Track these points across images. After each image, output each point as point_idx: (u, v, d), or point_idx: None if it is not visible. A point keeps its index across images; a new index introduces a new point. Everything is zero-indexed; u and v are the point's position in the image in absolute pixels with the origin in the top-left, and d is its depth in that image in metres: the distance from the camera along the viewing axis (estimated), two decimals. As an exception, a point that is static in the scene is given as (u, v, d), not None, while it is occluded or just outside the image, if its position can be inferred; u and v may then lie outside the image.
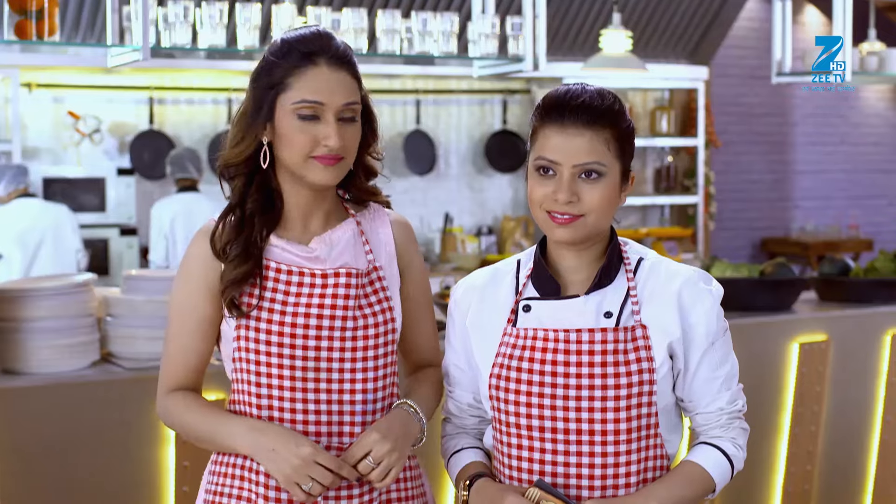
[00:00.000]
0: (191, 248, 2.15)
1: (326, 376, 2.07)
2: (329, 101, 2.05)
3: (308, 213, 2.14)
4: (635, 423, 2.00)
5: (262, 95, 2.07)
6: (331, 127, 2.05)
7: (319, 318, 2.07)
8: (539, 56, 4.65)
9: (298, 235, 2.14)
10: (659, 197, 8.42)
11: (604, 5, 7.84)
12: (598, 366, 1.99)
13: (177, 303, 2.16)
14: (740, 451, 2.09)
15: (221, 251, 2.10)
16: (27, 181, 6.14)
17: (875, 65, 5.78)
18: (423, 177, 7.95)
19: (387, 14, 4.47)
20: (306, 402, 2.06)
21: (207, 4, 4.16)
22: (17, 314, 3.28)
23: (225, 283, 2.08)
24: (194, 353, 2.16)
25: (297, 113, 2.05)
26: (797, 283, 4.44)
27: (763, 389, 4.19)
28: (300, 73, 2.05)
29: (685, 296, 2.03)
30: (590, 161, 1.98)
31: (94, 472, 3.21)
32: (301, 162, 2.06)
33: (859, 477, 4.50)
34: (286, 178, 2.12)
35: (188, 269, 2.15)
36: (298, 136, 2.05)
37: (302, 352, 2.06)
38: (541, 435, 2.02)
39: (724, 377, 2.08)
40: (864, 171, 10.61)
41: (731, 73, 9.57)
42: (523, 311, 2.06)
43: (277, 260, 2.11)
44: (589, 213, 1.98)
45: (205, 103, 7.36)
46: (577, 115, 1.98)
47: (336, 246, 2.14)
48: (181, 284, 2.15)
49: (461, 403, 2.19)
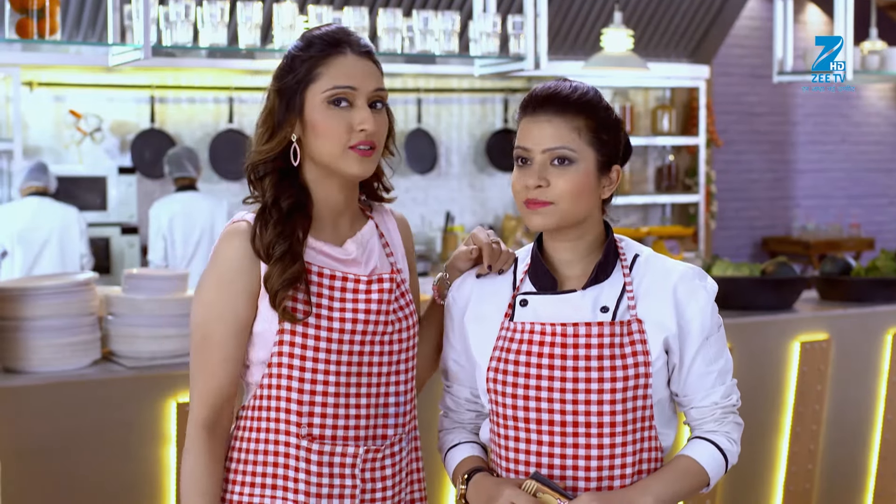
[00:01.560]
0: (224, 251, 2.05)
1: (367, 381, 2.07)
2: (361, 85, 2.03)
3: (338, 212, 2.11)
4: (630, 415, 2.03)
5: (290, 90, 2.04)
6: (365, 111, 2.03)
7: (365, 323, 2.06)
8: (540, 55, 4.64)
9: (330, 236, 2.10)
10: (660, 196, 8.42)
11: (605, 4, 7.84)
12: (594, 359, 2.01)
13: (215, 309, 2.03)
14: (734, 445, 2.12)
15: (265, 252, 2.01)
16: (46, 179, 6.13)
17: (876, 64, 5.78)
18: (424, 175, 7.96)
19: (388, 13, 4.47)
20: (348, 406, 2.06)
21: (209, 3, 4.16)
22: (18, 313, 3.29)
23: (276, 285, 2.00)
24: (236, 363, 2.06)
25: (330, 100, 2.02)
26: (798, 283, 4.44)
27: (764, 388, 4.19)
28: (328, 63, 2.03)
29: (681, 292, 2.06)
30: (557, 146, 2.02)
31: (94, 470, 3.22)
32: (339, 153, 2.02)
33: (860, 476, 4.50)
34: (316, 175, 2.08)
35: (224, 271, 2.04)
36: (332, 124, 2.01)
37: (347, 357, 2.05)
38: (538, 427, 2.04)
39: (717, 372, 2.10)
40: (866, 170, 10.61)
41: (732, 72, 9.57)
42: (520, 305, 2.09)
43: (318, 264, 2.06)
44: (558, 199, 2.01)
45: (206, 102, 7.36)
46: (546, 104, 2.04)
47: (366, 247, 2.13)
48: (217, 289, 2.04)
49: (459, 398, 2.22)
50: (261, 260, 2.03)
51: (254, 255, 2.03)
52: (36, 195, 6.11)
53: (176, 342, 3.43)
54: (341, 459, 2.05)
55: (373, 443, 2.08)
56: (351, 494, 2.06)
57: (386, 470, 2.10)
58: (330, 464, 2.05)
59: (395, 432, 2.12)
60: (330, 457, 2.05)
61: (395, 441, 2.12)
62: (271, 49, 4.35)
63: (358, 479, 2.06)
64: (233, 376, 2.06)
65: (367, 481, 2.08)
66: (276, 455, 2.05)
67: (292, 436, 2.04)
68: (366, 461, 2.07)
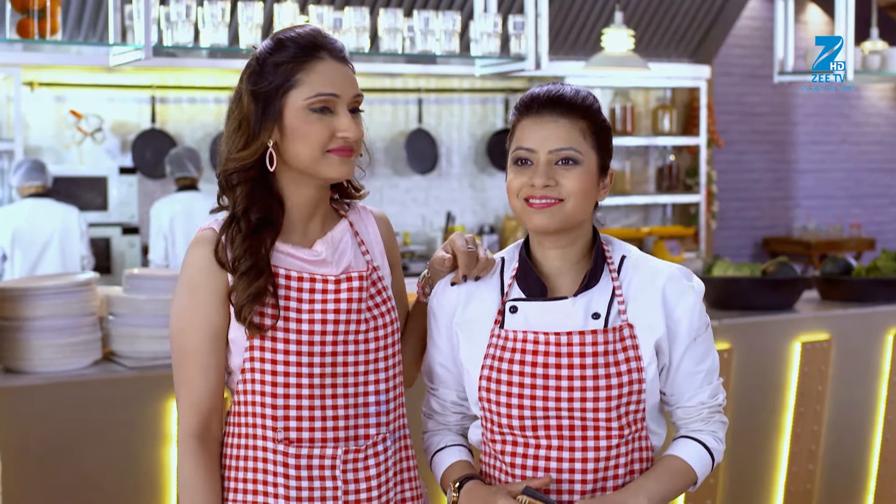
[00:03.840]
0: (192, 259, 2.06)
1: (343, 381, 2.06)
2: (343, 92, 2.03)
3: (309, 215, 2.10)
4: (625, 420, 2.03)
5: (267, 96, 2.01)
6: (346, 118, 2.03)
7: (336, 323, 2.05)
8: (541, 55, 4.64)
9: (300, 239, 2.10)
10: (661, 196, 8.42)
11: (606, 4, 7.84)
12: (589, 367, 2.01)
13: (186, 319, 2.04)
14: (720, 443, 2.13)
15: (231, 265, 2.02)
16: (45, 179, 6.13)
17: (877, 64, 5.78)
18: (424, 176, 7.95)
19: (389, 13, 4.47)
20: (325, 408, 2.05)
21: (209, 3, 4.16)
22: (19, 313, 3.29)
23: (241, 300, 2.00)
24: (215, 371, 2.06)
25: (311, 107, 2.01)
26: (799, 283, 4.44)
27: (765, 389, 4.19)
28: (309, 69, 2.01)
29: (669, 293, 2.06)
30: (565, 146, 2.02)
31: (95, 470, 3.22)
32: (318, 156, 2.02)
33: (861, 476, 4.50)
34: (289, 179, 2.07)
35: (192, 280, 2.04)
36: (314, 130, 2.00)
37: (320, 358, 2.04)
38: (534, 434, 2.04)
39: (705, 372, 2.10)
40: (866, 170, 10.61)
41: (733, 72, 9.57)
42: (510, 312, 2.08)
43: (286, 266, 2.06)
44: (567, 197, 2.01)
45: (207, 102, 7.36)
46: (552, 106, 2.04)
47: (338, 247, 2.11)
48: (187, 298, 2.05)
49: (445, 401, 2.20)
50: (226, 271, 2.03)
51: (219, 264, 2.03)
52: (35, 196, 6.11)
53: (177, 342, 3.43)
54: (320, 462, 2.04)
55: (354, 443, 2.07)
56: (333, 497, 2.05)
57: (370, 470, 2.08)
58: (308, 466, 2.04)
59: (378, 431, 2.09)
60: (308, 459, 2.04)
61: (379, 440, 2.09)
62: (272, 49, 4.34)
63: (339, 481, 2.05)
64: (214, 384, 2.06)
65: (350, 482, 2.06)
66: (255, 460, 2.05)
67: (269, 440, 2.04)
68: (346, 462, 2.05)
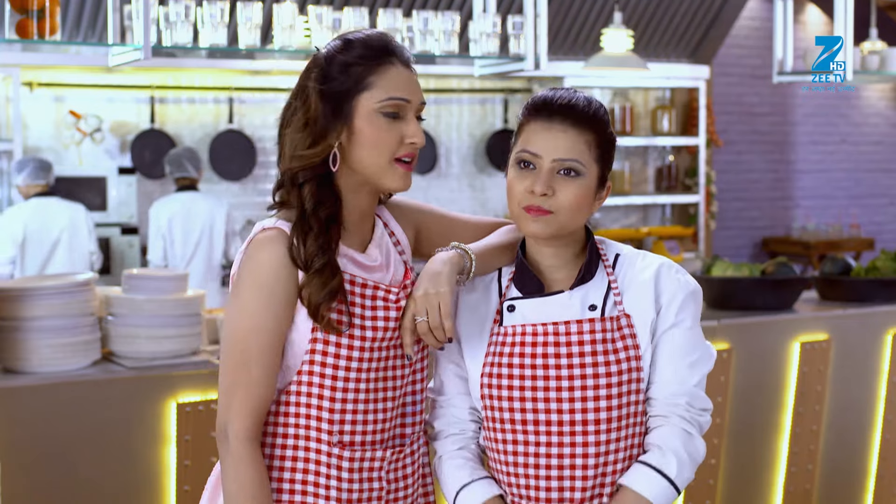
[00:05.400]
0: (263, 258, 2.00)
1: (392, 384, 2.08)
2: (413, 98, 2.03)
3: (365, 218, 2.11)
4: (625, 410, 2.04)
5: (338, 96, 1.99)
6: (415, 124, 2.03)
7: (394, 330, 2.06)
8: (540, 55, 4.64)
9: (356, 242, 2.09)
10: (660, 196, 8.42)
11: (605, 4, 7.84)
12: (588, 355, 2.03)
13: (256, 320, 1.99)
14: (686, 453, 2.04)
15: (305, 263, 1.98)
16: (49, 178, 6.14)
17: (876, 64, 5.78)
18: (424, 176, 7.96)
19: (388, 13, 4.47)
20: (376, 412, 2.07)
21: (208, 3, 4.16)
22: (18, 313, 3.29)
23: (318, 298, 1.97)
24: (275, 372, 2.03)
25: (383, 111, 2.00)
26: (798, 283, 4.44)
27: (764, 389, 4.19)
28: (382, 72, 2.01)
29: (659, 279, 2.08)
30: (569, 157, 2.02)
31: (95, 470, 3.22)
32: (385, 164, 2.01)
33: (860, 476, 4.50)
34: (351, 183, 2.05)
35: (264, 281, 1.99)
36: (384, 135, 2.00)
37: (376, 364, 2.05)
38: (535, 428, 2.05)
39: (687, 365, 2.07)
40: (866, 170, 10.62)
41: (732, 72, 9.57)
42: (508, 311, 2.10)
43: (349, 272, 2.05)
44: (560, 210, 2.02)
45: (206, 102, 7.36)
46: (564, 114, 2.04)
47: (384, 249, 2.13)
48: (258, 300, 1.99)
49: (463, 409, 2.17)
50: (298, 269, 2.00)
51: (290, 264, 1.99)
52: (41, 195, 6.12)
53: (176, 342, 3.43)
54: (370, 464, 2.07)
55: (397, 445, 2.11)
56: (378, 497, 2.08)
57: (406, 469, 2.12)
58: (360, 469, 2.06)
59: (413, 431, 2.14)
60: (360, 462, 2.05)
61: (414, 440, 2.14)
62: (271, 49, 4.35)
63: (384, 482, 2.08)
64: (272, 386, 2.02)
65: (392, 482, 2.10)
66: (306, 462, 2.04)
67: (323, 443, 2.03)
68: (390, 463, 2.09)
